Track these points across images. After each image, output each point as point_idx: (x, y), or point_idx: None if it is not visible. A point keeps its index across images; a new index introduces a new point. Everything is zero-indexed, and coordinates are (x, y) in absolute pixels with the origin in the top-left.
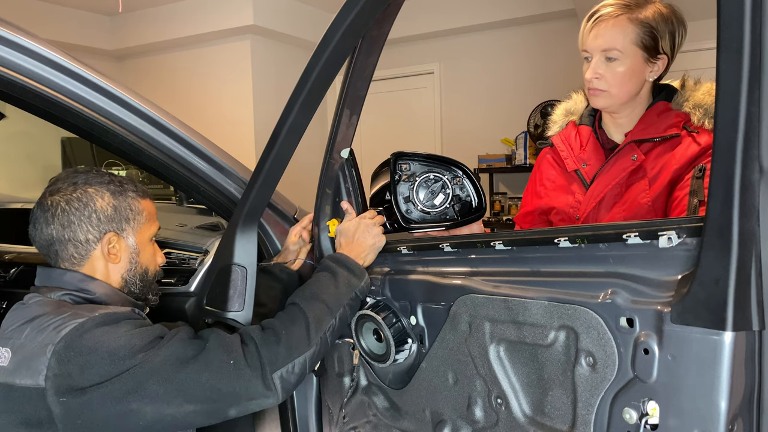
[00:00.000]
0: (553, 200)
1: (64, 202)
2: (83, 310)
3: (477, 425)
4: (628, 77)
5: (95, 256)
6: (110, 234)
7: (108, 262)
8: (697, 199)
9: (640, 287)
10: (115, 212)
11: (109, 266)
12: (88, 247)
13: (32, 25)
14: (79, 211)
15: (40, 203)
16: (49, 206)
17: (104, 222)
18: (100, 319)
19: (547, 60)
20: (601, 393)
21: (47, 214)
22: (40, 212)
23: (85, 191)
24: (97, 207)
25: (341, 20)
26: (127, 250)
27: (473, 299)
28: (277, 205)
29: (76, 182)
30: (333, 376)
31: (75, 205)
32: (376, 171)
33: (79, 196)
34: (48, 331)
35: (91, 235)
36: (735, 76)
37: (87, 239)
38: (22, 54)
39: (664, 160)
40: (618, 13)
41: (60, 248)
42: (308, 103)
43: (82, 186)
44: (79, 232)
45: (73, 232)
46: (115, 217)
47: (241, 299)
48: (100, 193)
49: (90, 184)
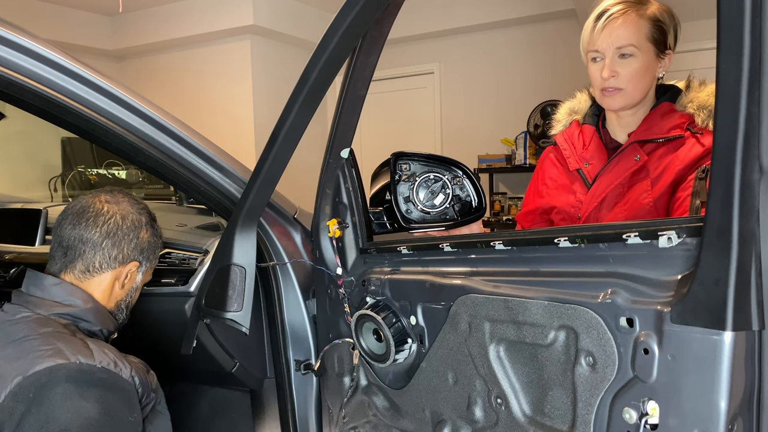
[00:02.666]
0: (555, 199)
1: (120, 216)
2: (67, 342)
3: (477, 425)
4: (642, 73)
5: (109, 274)
6: (135, 263)
7: (116, 285)
8: (700, 200)
9: (640, 287)
10: (148, 248)
11: (115, 289)
12: (113, 264)
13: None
14: (129, 230)
15: (94, 204)
16: (104, 212)
17: (138, 251)
18: (74, 373)
19: (547, 60)
20: (601, 393)
21: (99, 217)
22: (92, 211)
23: (140, 218)
24: (141, 236)
25: (341, 20)
26: (133, 283)
27: (473, 299)
28: (277, 205)
29: (135, 206)
30: (333, 376)
31: (128, 224)
32: (376, 171)
33: (134, 219)
34: (25, 360)
35: (122, 255)
36: (735, 76)
37: (116, 257)
38: (22, 54)
39: (667, 161)
40: (627, 10)
41: (88, 250)
42: (308, 103)
43: (139, 212)
44: (116, 249)
45: (112, 244)
46: (146, 251)
47: (240, 299)
48: (147, 226)
49: (143, 214)
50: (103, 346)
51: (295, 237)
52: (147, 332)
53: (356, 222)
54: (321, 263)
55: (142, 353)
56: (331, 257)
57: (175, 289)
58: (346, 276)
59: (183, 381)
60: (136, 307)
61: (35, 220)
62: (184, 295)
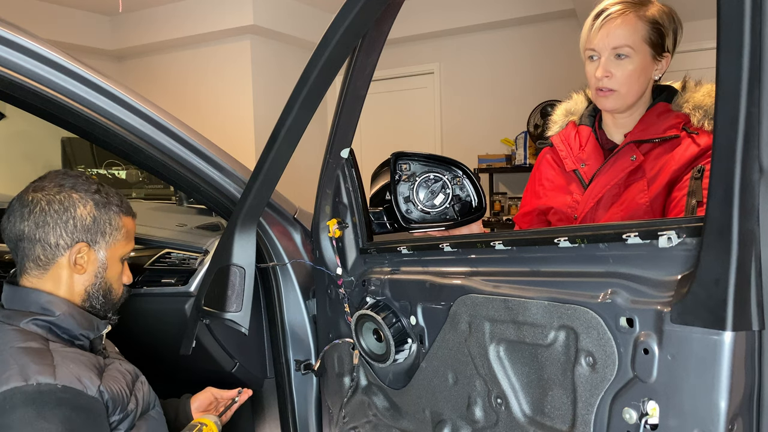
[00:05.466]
0: (552, 200)
1: (45, 201)
2: (33, 358)
3: (477, 425)
4: (637, 75)
5: (61, 263)
6: (81, 244)
7: (73, 271)
8: (696, 200)
9: (640, 287)
10: (93, 223)
11: (74, 276)
12: (56, 252)
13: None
14: (57, 214)
15: (20, 197)
16: (28, 202)
17: (80, 231)
18: (32, 395)
19: (546, 60)
20: (601, 393)
21: (25, 209)
22: (18, 206)
23: (69, 195)
24: (77, 214)
25: (341, 20)
26: (95, 263)
27: (473, 299)
28: (277, 205)
29: (63, 184)
30: (333, 376)
31: (55, 207)
32: (376, 171)
33: (61, 199)
34: None
35: (62, 240)
36: (735, 76)
37: (57, 244)
38: (22, 54)
39: (663, 161)
40: (626, 10)
41: (28, 246)
42: (308, 103)
43: (68, 190)
44: (51, 235)
45: (45, 233)
46: (92, 228)
47: (240, 299)
48: (84, 201)
49: (76, 190)
50: (72, 360)
51: (295, 237)
52: (147, 332)
53: (356, 222)
54: (321, 263)
55: (141, 353)
56: (331, 257)
57: (175, 289)
58: (346, 276)
59: (183, 381)
60: (135, 306)
61: None
62: (184, 295)
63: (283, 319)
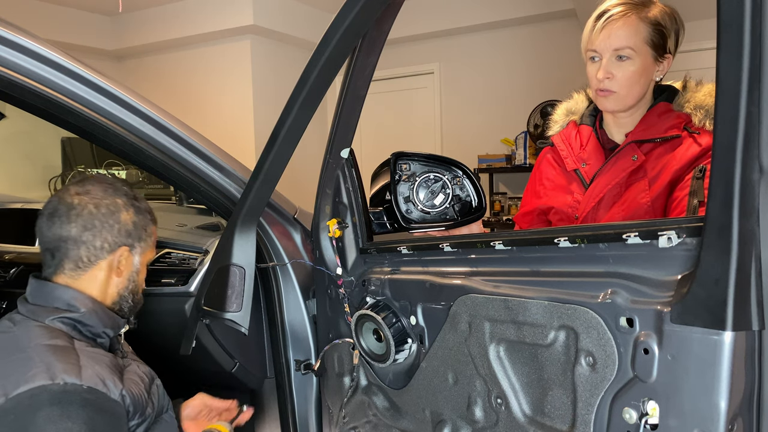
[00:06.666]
0: (552, 200)
1: (93, 205)
2: (59, 357)
3: (477, 425)
4: (638, 77)
5: (101, 265)
6: (124, 248)
7: (111, 274)
8: (697, 200)
9: (640, 287)
10: (134, 228)
11: (112, 279)
12: (99, 254)
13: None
14: (105, 217)
15: (64, 199)
16: (75, 205)
17: (123, 235)
18: (58, 395)
19: (547, 60)
20: (601, 393)
21: (71, 212)
22: (63, 208)
23: (115, 201)
24: (122, 219)
25: (341, 20)
26: (130, 267)
27: (473, 299)
28: (277, 205)
29: (107, 190)
30: (333, 376)
31: (103, 211)
32: (376, 171)
33: (108, 204)
34: (10, 380)
35: (107, 243)
36: (735, 76)
37: (102, 246)
38: (22, 54)
39: (664, 161)
40: (628, 12)
41: (71, 247)
42: (308, 103)
43: (113, 195)
44: (98, 238)
45: (92, 235)
46: (132, 233)
47: (239, 299)
48: (127, 206)
49: (119, 195)
50: (97, 361)
51: (295, 237)
52: (147, 332)
53: (356, 222)
54: (321, 263)
55: (141, 353)
56: (331, 257)
57: (175, 289)
58: (346, 276)
59: (183, 381)
60: None
61: (35, 220)
62: (184, 295)
63: (283, 319)
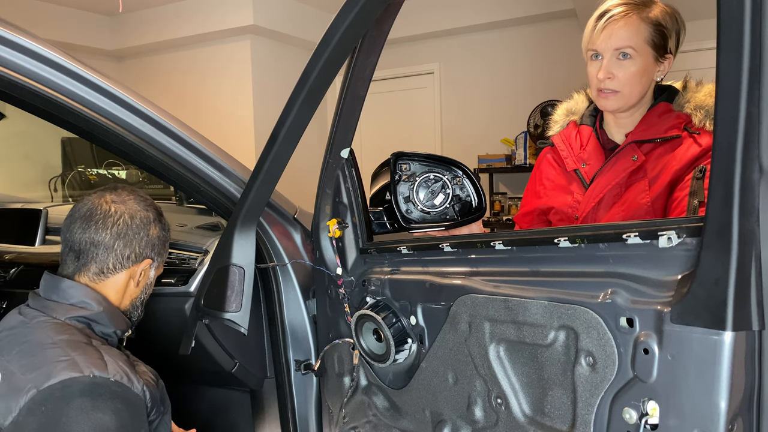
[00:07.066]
0: (552, 200)
1: (129, 215)
2: (83, 352)
3: (477, 425)
4: (639, 77)
5: (123, 274)
6: (148, 260)
7: (131, 283)
8: (697, 200)
9: (640, 287)
10: (158, 243)
11: (130, 288)
12: (126, 263)
13: (32, 25)
14: (138, 228)
15: (100, 206)
16: (111, 213)
17: (149, 248)
18: (88, 387)
19: (547, 60)
20: (601, 393)
21: (108, 219)
22: (99, 213)
23: (147, 215)
24: (151, 233)
25: (341, 20)
26: (147, 279)
27: (473, 299)
28: (277, 205)
29: (141, 203)
30: (333, 376)
31: (137, 222)
32: (376, 171)
33: (142, 216)
34: (40, 372)
35: (134, 254)
36: (735, 76)
37: (129, 257)
38: (22, 54)
39: (664, 161)
40: (629, 12)
41: (101, 253)
42: (308, 103)
43: (146, 209)
44: (128, 248)
45: (124, 245)
46: (157, 246)
47: (239, 300)
48: (156, 221)
49: (150, 210)
50: (117, 357)
51: (295, 237)
52: (147, 332)
53: (356, 222)
54: (321, 263)
55: (141, 353)
56: (331, 257)
57: (175, 289)
58: (346, 276)
59: (183, 381)
60: None
61: (35, 220)
62: (184, 295)
63: (283, 319)
